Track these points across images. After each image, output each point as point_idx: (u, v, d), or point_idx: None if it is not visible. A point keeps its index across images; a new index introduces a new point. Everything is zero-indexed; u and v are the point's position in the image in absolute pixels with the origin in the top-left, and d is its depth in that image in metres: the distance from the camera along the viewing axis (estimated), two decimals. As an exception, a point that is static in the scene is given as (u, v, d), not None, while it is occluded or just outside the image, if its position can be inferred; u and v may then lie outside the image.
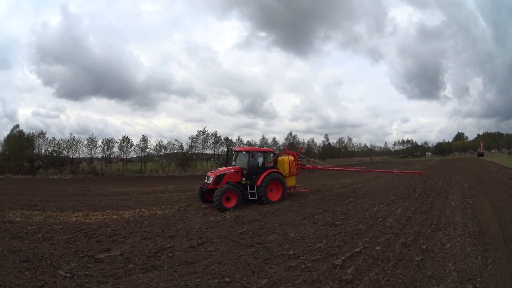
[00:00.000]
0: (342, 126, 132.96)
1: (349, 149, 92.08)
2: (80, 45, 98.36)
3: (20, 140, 56.92)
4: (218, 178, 18.50)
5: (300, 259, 8.99)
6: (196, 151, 65.28)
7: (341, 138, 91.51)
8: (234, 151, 21.16)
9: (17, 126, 60.84)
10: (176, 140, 65.27)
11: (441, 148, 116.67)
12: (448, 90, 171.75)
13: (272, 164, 20.62)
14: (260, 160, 20.03)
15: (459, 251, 9.17)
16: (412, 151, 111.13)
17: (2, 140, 58.12)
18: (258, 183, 18.63)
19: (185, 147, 63.68)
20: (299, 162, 22.29)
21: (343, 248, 9.73)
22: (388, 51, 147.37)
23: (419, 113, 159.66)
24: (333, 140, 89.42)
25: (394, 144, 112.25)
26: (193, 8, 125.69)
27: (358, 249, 9.38)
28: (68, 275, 8.23)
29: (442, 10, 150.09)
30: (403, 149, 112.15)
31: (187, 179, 45.69)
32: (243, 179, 19.03)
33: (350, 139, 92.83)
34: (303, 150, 28.17)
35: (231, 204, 17.57)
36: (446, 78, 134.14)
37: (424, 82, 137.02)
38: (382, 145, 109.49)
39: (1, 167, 53.71)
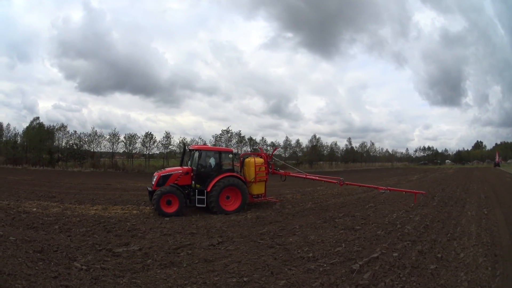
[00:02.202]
0: (365, 131, 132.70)
1: (371, 154, 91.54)
2: (104, 41, 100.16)
3: (40, 132, 58.60)
4: (162, 179, 17.05)
5: (319, 262, 9.10)
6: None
7: (363, 143, 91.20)
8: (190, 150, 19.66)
9: (37, 118, 62.98)
10: (200, 138, 65.66)
11: (460, 156, 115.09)
12: (469, 98, 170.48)
13: (235, 167, 18.99)
14: (212, 161, 18.30)
15: (471, 261, 9.33)
16: (432, 158, 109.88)
17: (21, 132, 60.05)
18: (208, 189, 16.98)
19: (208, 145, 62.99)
20: (271, 166, 19.84)
21: (361, 253, 9.84)
22: (412, 56, 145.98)
23: (441, 120, 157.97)
24: (356, 144, 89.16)
25: (415, 151, 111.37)
26: (219, 7, 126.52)
27: (376, 255, 9.47)
28: (83, 267, 8.42)
29: (463, 15, 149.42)
30: (424, 156, 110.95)
31: None
32: (193, 182, 17.42)
33: (372, 144, 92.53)
34: (276, 152, 25.57)
35: (172, 209, 16.18)
36: (467, 85, 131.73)
37: (447, 89, 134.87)
38: (403, 151, 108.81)
39: (19, 158, 55.59)
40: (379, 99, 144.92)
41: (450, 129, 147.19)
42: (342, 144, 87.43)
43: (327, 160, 77.71)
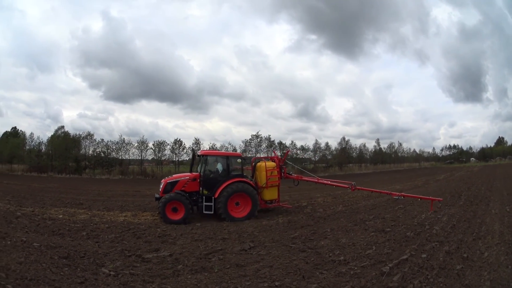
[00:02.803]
0: (393, 131, 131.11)
1: (399, 154, 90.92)
2: (127, 49, 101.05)
3: (65, 141, 59.58)
4: (169, 186, 16.93)
5: (350, 265, 9.04)
6: (250, 155, 64.85)
7: (391, 143, 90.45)
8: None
9: (62, 127, 64.11)
10: (230, 144, 65.85)
11: (484, 154, 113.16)
12: (489, 92, 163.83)
13: (248, 171, 18.80)
14: (220, 166, 17.96)
15: (494, 260, 9.39)
16: (458, 156, 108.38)
17: (45, 140, 61.39)
18: (216, 195, 16.67)
19: (238, 151, 63.09)
20: (283, 170, 19.02)
21: (391, 255, 9.76)
22: (433, 52, 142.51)
23: (464, 117, 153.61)
24: (384, 145, 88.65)
25: (442, 150, 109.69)
26: (240, 12, 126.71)
27: (405, 257, 9.41)
28: (112, 273, 8.39)
29: (477, 8, 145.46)
30: (450, 154, 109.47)
31: None
32: (201, 188, 17.14)
33: (400, 144, 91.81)
34: (288, 154, 23.99)
35: (178, 216, 15.94)
36: (487, 80, 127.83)
37: (468, 84, 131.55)
38: (430, 150, 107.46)
39: (44, 165, 56.66)
40: (404, 98, 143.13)
41: (473, 126, 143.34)
42: (370, 145, 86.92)
43: (356, 162, 77.38)
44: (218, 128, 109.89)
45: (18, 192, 26.15)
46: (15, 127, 67.24)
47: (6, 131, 66.57)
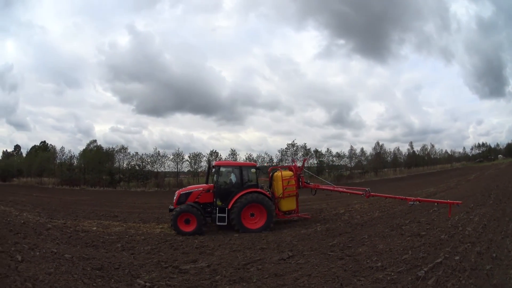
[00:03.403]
0: (425, 133, 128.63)
1: (432, 156, 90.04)
2: (157, 63, 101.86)
3: (99, 154, 61.32)
4: (182, 197, 17.08)
5: (387, 271, 8.97)
6: (286, 164, 65.14)
7: (424, 145, 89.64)
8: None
9: (94, 141, 66.55)
10: (266, 154, 66.26)
11: (510, 150, 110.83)
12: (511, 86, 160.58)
13: (265, 182, 18.60)
14: (233, 177, 17.89)
15: None
16: (486, 154, 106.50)
17: (77, 154, 63.15)
18: (230, 206, 16.61)
19: (275, 160, 64.62)
20: (300, 179, 18.62)
21: (426, 259, 9.64)
22: (457, 49, 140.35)
23: (490, 113, 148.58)
24: (417, 148, 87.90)
25: (471, 149, 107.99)
26: (268, 21, 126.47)
27: (439, 260, 9.27)
28: (147, 284, 8.41)
29: None
30: (479, 153, 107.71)
31: None
32: (215, 199, 17.15)
33: (432, 146, 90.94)
34: (306, 163, 22.97)
35: (191, 228, 16.05)
36: (508, 73, 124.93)
37: (491, 79, 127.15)
38: (461, 150, 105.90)
39: (76, 179, 58.09)
40: (434, 98, 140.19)
41: (499, 121, 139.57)
42: (404, 149, 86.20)
43: (391, 166, 76.83)
44: (253, 138, 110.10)
45: (49, 205, 26.71)
46: (44, 141, 69.94)
47: (35, 145, 69.30)
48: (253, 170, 18.27)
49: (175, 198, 17.17)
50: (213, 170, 17.97)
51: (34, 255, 10.10)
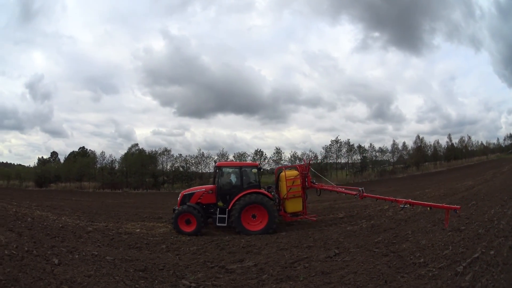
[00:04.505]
0: (462, 124, 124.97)
1: (469, 148, 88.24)
2: (195, 65, 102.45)
3: (141, 157, 62.98)
4: (185, 198, 17.61)
5: (429, 267, 9.05)
6: (331, 161, 66.66)
7: (462, 137, 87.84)
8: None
9: (136, 144, 68.43)
10: (311, 151, 66.45)
11: None
12: None
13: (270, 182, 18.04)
14: (233, 177, 18.20)
15: None
16: None
17: (118, 158, 65.12)
18: (229, 206, 16.83)
19: (319, 157, 65.44)
20: (306, 179, 18.21)
21: (465, 254, 9.66)
22: (484, 36, 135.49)
23: None
24: (455, 140, 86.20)
25: (504, 139, 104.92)
26: (302, 17, 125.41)
27: (476, 255, 9.29)
28: (193, 285, 8.60)
29: None
30: (511, 144, 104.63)
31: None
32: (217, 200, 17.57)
33: (469, 138, 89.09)
34: (312, 162, 21.65)
35: (191, 228, 16.48)
36: None
37: None
38: (495, 141, 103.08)
39: (118, 182, 59.78)
40: (467, 88, 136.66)
41: None
42: (443, 141, 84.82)
43: (431, 160, 75.88)
44: (297, 136, 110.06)
45: (89, 209, 27.27)
46: (83, 147, 72.22)
47: (73, 151, 71.76)
48: (254, 170, 18.57)
49: (179, 199, 17.78)
50: (217, 171, 18.26)
51: (73, 258, 10.44)
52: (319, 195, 19.44)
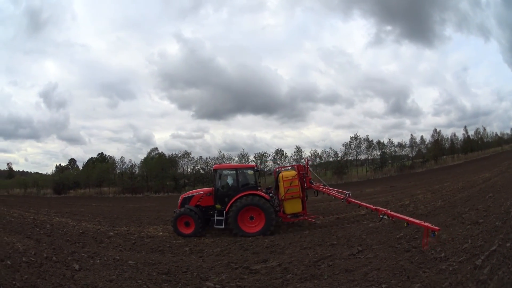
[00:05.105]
0: (476, 115, 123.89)
1: (484, 140, 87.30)
2: (211, 67, 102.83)
3: (161, 161, 63.62)
4: (184, 201, 18.11)
5: (449, 261, 9.05)
6: (351, 158, 66.91)
7: (477, 129, 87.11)
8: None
9: (156, 148, 69.47)
10: (331, 149, 66.75)
11: None
12: None
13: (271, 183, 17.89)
14: (230, 179, 18.48)
15: None
16: None
17: (138, 163, 65.91)
18: (226, 209, 17.02)
19: (339, 155, 66.03)
20: (304, 179, 18.10)
21: (483, 247, 9.61)
22: (491, 25, 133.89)
23: None
24: (471, 132, 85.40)
25: None
26: (314, 14, 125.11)
27: (494, 248, 9.25)
28: (217, 286, 8.68)
29: None
30: None
31: (344, 186, 46.35)
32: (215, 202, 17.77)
33: (484, 129, 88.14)
34: (310, 163, 20.89)
35: (190, 230, 16.94)
36: None
37: None
38: (508, 131, 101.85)
39: (139, 187, 60.63)
40: (480, 79, 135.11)
41: None
42: (460, 134, 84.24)
43: (449, 153, 75.47)
44: (316, 134, 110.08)
45: (110, 213, 27.56)
46: (101, 153, 73.18)
47: (92, 157, 72.81)
48: (250, 172, 18.83)
49: (179, 201, 18.27)
50: (215, 174, 18.61)
51: (94, 263, 10.65)
52: (316, 196, 19.33)
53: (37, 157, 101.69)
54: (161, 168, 61.94)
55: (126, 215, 25.91)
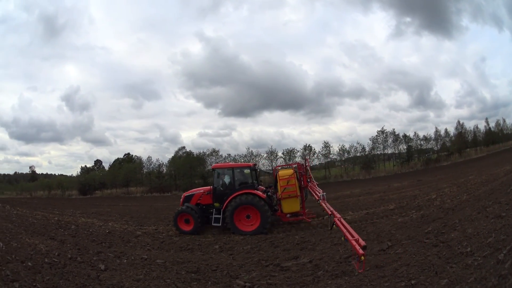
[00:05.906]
0: (496, 107, 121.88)
1: (504, 132, 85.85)
2: (235, 65, 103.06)
3: (189, 160, 64.30)
4: (186, 199, 18.61)
5: (475, 256, 8.92)
6: (378, 152, 66.94)
7: (498, 121, 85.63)
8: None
9: (183, 147, 69.96)
10: (358, 143, 67.93)
11: None
12: None
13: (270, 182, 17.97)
14: (227, 178, 18.71)
15: None
16: None
17: (165, 162, 66.83)
18: (223, 207, 17.35)
19: (367, 149, 66.53)
20: (303, 179, 18.07)
21: (505, 241, 9.41)
22: (503, 14, 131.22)
23: None
24: (492, 124, 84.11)
25: None
26: (334, 8, 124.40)
27: None
28: (247, 284, 8.71)
29: None
30: None
31: (372, 181, 47.20)
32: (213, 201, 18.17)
33: (504, 120, 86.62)
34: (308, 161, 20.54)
35: (189, 227, 17.37)
36: None
37: None
38: None
39: (167, 186, 61.55)
40: (498, 69, 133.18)
41: None
42: (481, 125, 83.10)
43: (472, 146, 74.65)
44: (343, 129, 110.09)
45: (138, 213, 27.89)
46: (128, 153, 74.14)
47: (118, 158, 73.95)
48: (246, 171, 19.47)
49: (181, 199, 18.81)
50: (213, 172, 19.39)
51: (121, 262, 10.82)
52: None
53: (61, 159, 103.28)
54: (189, 167, 62.47)
55: (154, 214, 26.15)
